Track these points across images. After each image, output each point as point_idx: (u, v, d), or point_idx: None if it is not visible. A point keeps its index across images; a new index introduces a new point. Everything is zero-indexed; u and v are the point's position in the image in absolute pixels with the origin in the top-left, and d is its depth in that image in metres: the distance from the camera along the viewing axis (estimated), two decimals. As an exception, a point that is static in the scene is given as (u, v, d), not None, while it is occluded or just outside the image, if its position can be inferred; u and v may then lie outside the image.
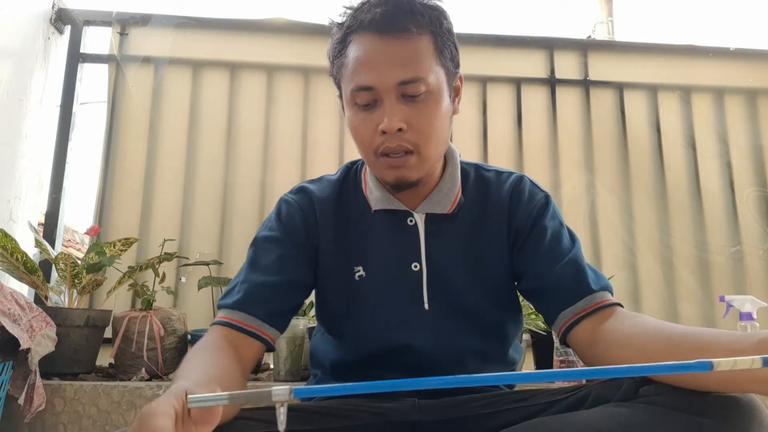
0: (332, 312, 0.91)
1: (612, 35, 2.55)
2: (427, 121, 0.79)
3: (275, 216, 0.91)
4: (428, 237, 0.87)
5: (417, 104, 0.79)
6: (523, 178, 0.93)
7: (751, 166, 2.27)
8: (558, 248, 0.85)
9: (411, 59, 0.78)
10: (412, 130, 0.79)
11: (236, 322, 0.79)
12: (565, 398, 0.72)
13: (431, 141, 0.81)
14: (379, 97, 0.79)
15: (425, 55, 0.79)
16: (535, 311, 1.64)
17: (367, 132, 0.81)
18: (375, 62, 0.78)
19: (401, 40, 0.78)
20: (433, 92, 0.80)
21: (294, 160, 2.10)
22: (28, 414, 1.23)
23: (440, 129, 0.82)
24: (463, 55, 0.89)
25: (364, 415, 0.78)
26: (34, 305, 1.34)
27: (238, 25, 2.18)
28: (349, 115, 0.83)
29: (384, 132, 0.78)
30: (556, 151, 2.21)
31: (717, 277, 2.15)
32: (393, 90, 0.78)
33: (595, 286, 0.80)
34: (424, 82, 0.78)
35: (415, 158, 0.80)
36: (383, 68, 0.78)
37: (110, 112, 2.06)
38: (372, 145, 0.81)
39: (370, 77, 0.78)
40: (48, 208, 1.98)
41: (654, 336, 0.67)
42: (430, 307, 0.85)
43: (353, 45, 0.81)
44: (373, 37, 0.79)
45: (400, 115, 0.78)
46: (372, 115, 0.80)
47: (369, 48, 0.79)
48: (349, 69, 0.81)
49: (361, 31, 0.80)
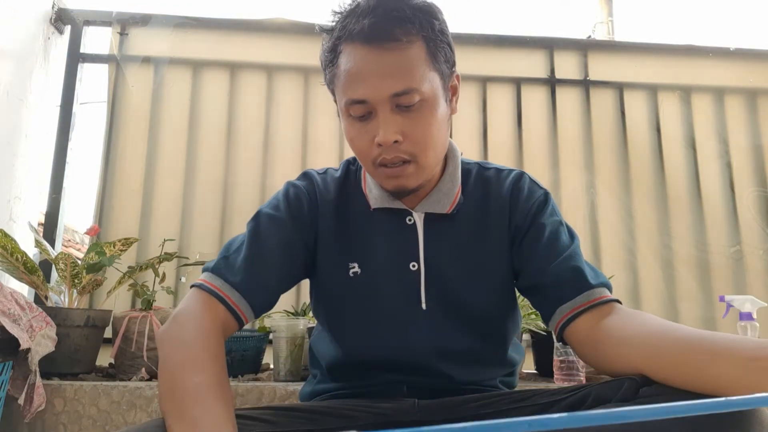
0: (326, 307, 0.90)
1: (612, 35, 2.55)
2: (422, 130, 0.78)
3: (283, 197, 0.90)
4: (427, 237, 0.86)
5: (412, 114, 0.77)
6: (523, 175, 0.93)
7: (751, 166, 2.27)
8: (556, 245, 0.84)
9: (403, 70, 0.76)
10: (408, 140, 0.78)
11: (233, 305, 0.79)
12: (565, 398, 0.72)
13: (428, 150, 0.80)
14: (373, 109, 0.78)
15: (417, 63, 0.77)
16: (535, 312, 1.64)
17: (363, 144, 0.80)
18: (366, 75, 0.76)
19: (392, 51, 0.76)
20: (427, 100, 0.78)
21: (294, 160, 2.10)
22: (28, 414, 1.23)
23: (437, 136, 0.81)
24: (463, 55, 0.88)
25: (364, 416, 0.78)
26: (34, 305, 1.34)
27: (238, 25, 2.18)
28: (345, 125, 0.83)
29: (380, 144, 0.78)
30: (556, 151, 2.21)
31: (717, 277, 2.15)
32: (386, 102, 0.76)
33: (594, 282, 0.79)
34: (417, 92, 0.76)
35: (413, 167, 0.80)
36: (375, 81, 0.76)
37: (110, 112, 2.06)
38: (369, 156, 0.80)
39: (362, 91, 0.77)
40: (48, 208, 1.98)
41: (663, 337, 0.66)
42: (428, 307, 0.85)
43: (344, 56, 0.79)
44: (363, 49, 0.76)
45: (395, 127, 0.77)
46: (367, 127, 0.79)
47: (359, 60, 0.77)
48: (341, 81, 0.80)
49: (350, 41, 0.78)
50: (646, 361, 0.65)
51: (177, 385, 0.66)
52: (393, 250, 0.86)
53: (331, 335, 0.90)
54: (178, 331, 0.74)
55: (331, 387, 0.90)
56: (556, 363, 1.42)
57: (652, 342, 0.66)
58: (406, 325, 0.85)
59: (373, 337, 0.86)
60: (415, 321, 0.84)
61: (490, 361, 0.89)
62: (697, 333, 0.63)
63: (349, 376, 0.88)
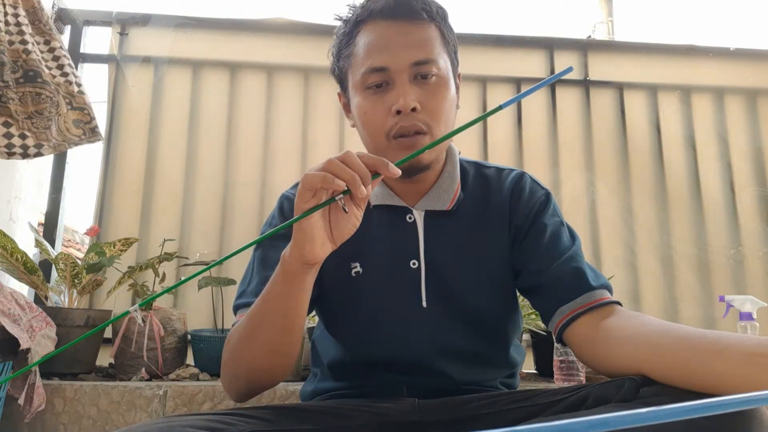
0: (329, 308, 0.90)
1: (612, 35, 2.55)
2: (438, 102, 0.81)
3: (278, 213, 0.92)
4: (427, 234, 0.86)
5: (429, 86, 0.81)
6: (524, 175, 0.93)
7: (751, 166, 2.27)
8: (557, 246, 0.84)
9: (424, 41, 0.81)
10: (425, 110, 0.80)
11: None
12: (565, 398, 0.72)
13: (441, 123, 0.81)
14: (392, 78, 0.80)
15: (435, 41, 0.82)
16: (535, 312, 1.64)
17: (379, 114, 0.81)
18: (389, 44, 0.81)
19: (414, 24, 0.81)
20: (442, 77, 0.82)
21: (294, 160, 2.10)
22: (28, 414, 1.23)
23: (449, 112, 0.83)
24: (463, 55, 0.89)
25: (364, 415, 0.77)
26: (34, 305, 1.34)
27: (238, 25, 2.18)
28: (359, 100, 0.84)
29: (398, 112, 0.79)
30: (556, 151, 2.21)
31: (717, 277, 2.15)
32: (406, 71, 0.80)
33: (594, 284, 0.79)
34: (435, 64, 0.81)
35: (427, 139, 0.80)
36: (398, 49, 0.80)
37: (110, 112, 2.06)
38: (384, 128, 0.81)
39: (383, 58, 0.80)
40: (48, 208, 1.98)
41: (664, 336, 0.65)
42: (429, 305, 0.85)
43: (363, 33, 0.83)
44: (386, 23, 0.82)
45: (414, 95, 0.79)
46: (384, 98, 0.81)
47: (382, 32, 0.82)
48: (359, 56, 0.83)
49: (371, 19, 0.83)
50: (646, 360, 0.65)
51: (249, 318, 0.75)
52: (393, 248, 0.86)
53: (332, 334, 0.90)
54: (231, 336, 0.79)
55: (332, 386, 0.90)
56: (556, 363, 1.42)
57: (652, 341, 0.66)
58: (407, 323, 0.85)
59: (374, 336, 0.86)
60: (416, 319, 0.84)
61: (491, 361, 0.89)
62: (697, 331, 0.63)
63: (350, 375, 0.88)
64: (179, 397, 1.34)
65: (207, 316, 1.79)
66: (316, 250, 0.66)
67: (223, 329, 1.65)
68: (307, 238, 0.65)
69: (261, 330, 0.74)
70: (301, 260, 0.67)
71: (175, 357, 1.54)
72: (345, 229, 0.67)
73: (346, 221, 0.66)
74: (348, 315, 0.88)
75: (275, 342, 0.74)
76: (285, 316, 0.72)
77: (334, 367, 0.89)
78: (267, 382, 0.79)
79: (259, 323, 0.74)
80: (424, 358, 0.84)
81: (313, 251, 0.66)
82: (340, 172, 0.61)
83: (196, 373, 1.49)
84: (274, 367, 0.77)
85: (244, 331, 0.76)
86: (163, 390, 1.35)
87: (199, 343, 1.58)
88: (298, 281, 0.70)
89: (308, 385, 0.96)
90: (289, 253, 0.68)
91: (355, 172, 0.61)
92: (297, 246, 0.67)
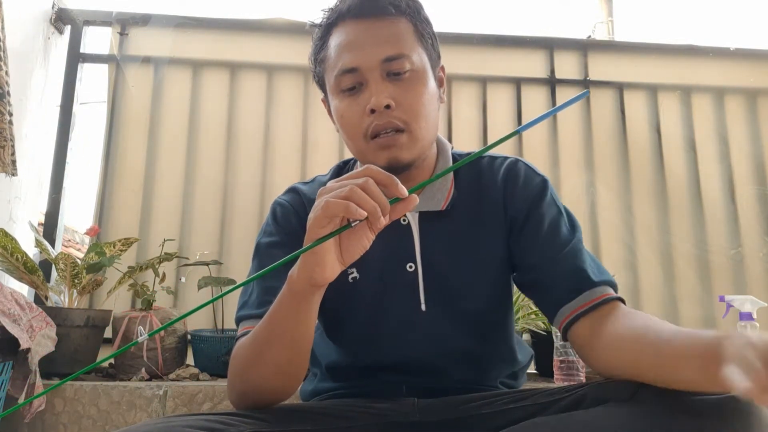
0: (328, 315, 0.89)
1: (612, 35, 2.55)
2: (413, 98, 0.79)
3: (272, 220, 0.91)
4: (423, 236, 0.85)
5: (402, 82, 0.79)
6: (518, 162, 0.91)
7: (751, 166, 2.27)
8: (556, 238, 0.82)
9: (393, 37, 0.80)
10: (401, 107, 0.79)
11: None
12: (563, 398, 0.72)
13: (420, 119, 0.80)
14: (364, 78, 0.79)
15: (407, 35, 0.81)
16: (535, 311, 1.64)
17: (354, 116, 0.80)
18: (358, 43, 0.79)
19: (382, 20, 0.80)
20: (417, 71, 0.80)
21: (294, 160, 2.10)
22: (28, 414, 1.24)
23: (428, 108, 0.81)
24: (463, 55, 0.89)
25: (364, 416, 0.77)
26: (34, 305, 1.34)
27: (238, 25, 2.18)
28: (335, 104, 0.83)
29: (372, 111, 0.78)
30: (556, 151, 2.21)
31: (717, 277, 2.15)
32: (377, 68, 0.78)
33: (596, 279, 0.77)
34: (408, 59, 0.79)
35: (405, 137, 0.79)
36: (366, 47, 0.79)
37: (110, 112, 2.06)
38: (361, 128, 0.80)
39: (353, 58, 0.79)
40: (48, 208, 1.98)
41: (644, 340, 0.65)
42: (427, 308, 0.84)
43: (334, 35, 0.82)
44: (355, 22, 0.81)
45: (387, 93, 0.78)
46: (358, 99, 0.80)
47: (351, 32, 0.81)
48: (331, 58, 0.82)
49: (341, 21, 0.82)
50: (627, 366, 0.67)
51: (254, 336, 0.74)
52: (389, 253, 0.85)
53: (331, 339, 0.90)
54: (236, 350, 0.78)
55: (331, 386, 0.89)
56: (556, 363, 1.42)
57: (626, 346, 0.67)
58: (407, 328, 0.84)
59: (373, 342, 0.85)
60: (416, 323, 0.84)
61: (491, 361, 0.88)
62: (666, 335, 0.63)
63: (349, 377, 0.88)
64: (179, 397, 1.35)
65: (207, 316, 1.79)
66: (326, 273, 0.64)
67: (223, 329, 1.65)
68: (318, 261, 0.63)
69: (268, 350, 0.72)
70: (309, 282, 0.66)
71: (175, 357, 1.54)
72: (355, 251, 0.65)
73: (357, 244, 0.65)
74: (347, 321, 0.87)
75: (283, 362, 0.72)
76: (292, 337, 0.71)
77: (332, 368, 0.89)
78: (276, 400, 0.77)
79: (266, 343, 0.72)
80: (424, 360, 0.84)
81: (323, 274, 0.64)
82: (363, 203, 0.59)
83: (196, 373, 1.49)
84: (283, 386, 0.75)
85: (251, 349, 0.74)
86: (163, 390, 1.35)
87: (199, 343, 1.58)
88: (306, 302, 0.68)
89: (308, 384, 0.96)
90: (297, 274, 0.66)
91: (376, 203, 0.60)
92: (306, 269, 0.65)
